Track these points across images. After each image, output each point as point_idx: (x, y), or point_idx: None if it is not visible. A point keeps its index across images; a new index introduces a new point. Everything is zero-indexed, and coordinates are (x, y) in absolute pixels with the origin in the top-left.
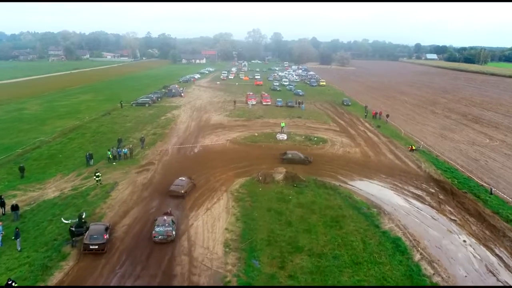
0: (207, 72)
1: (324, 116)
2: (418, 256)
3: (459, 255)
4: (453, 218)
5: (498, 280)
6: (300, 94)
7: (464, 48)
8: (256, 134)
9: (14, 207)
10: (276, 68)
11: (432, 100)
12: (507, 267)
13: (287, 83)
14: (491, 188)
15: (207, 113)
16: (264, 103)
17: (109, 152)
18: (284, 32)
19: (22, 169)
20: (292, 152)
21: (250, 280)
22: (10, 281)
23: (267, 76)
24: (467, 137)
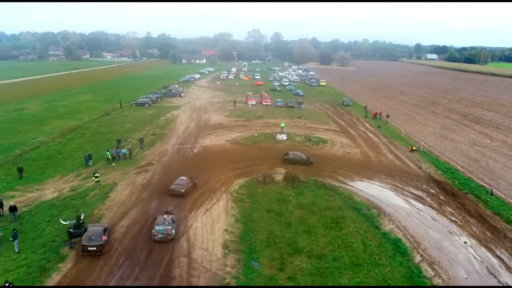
0: (207, 72)
1: (324, 117)
2: (418, 257)
3: (460, 257)
4: (453, 219)
5: (499, 282)
6: (300, 94)
7: (464, 48)
8: (256, 134)
9: (12, 208)
10: (276, 68)
11: (432, 100)
12: (508, 269)
13: (287, 83)
14: (492, 189)
15: (206, 113)
16: (264, 103)
17: (108, 153)
18: (284, 32)
19: (20, 169)
20: (294, 152)
21: (249, 282)
22: (7, 283)
23: (267, 76)
24: (468, 137)
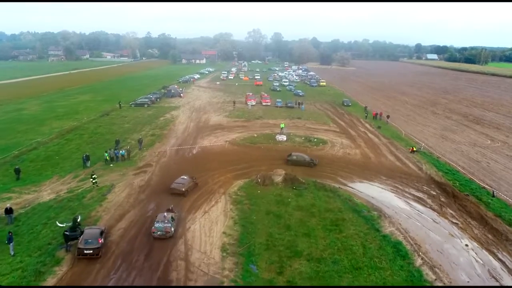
0: (207, 72)
1: (324, 117)
2: (419, 261)
3: (461, 260)
4: (454, 221)
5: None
6: (300, 94)
7: (464, 48)
8: (255, 135)
9: (8, 211)
10: (276, 68)
11: (432, 100)
12: (510, 272)
13: (287, 83)
14: (493, 191)
15: (206, 113)
16: (263, 104)
17: (106, 154)
18: (285, 32)
19: (17, 171)
20: (297, 154)
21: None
22: None
23: (267, 77)
24: (468, 138)
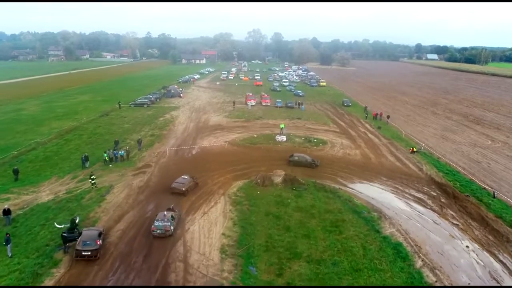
0: (207, 72)
1: (324, 117)
2: (420, 262)
3: (462, 262)
4: (455, 222)
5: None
6: (300, 94)
7: (465, 48)
8: (255, 135)
9: (6, 212)
10: (276, 69)
11: (433, 100)
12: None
13: (287, 83)
14: (494, 192)
15: (206, 114)
16: (263, 104)
17: (105, 154)
18: (285, 32)
19: (16, 171)
20: (299, 154)
21: None
22: None
23: (267, 77)
24: (469, 138)
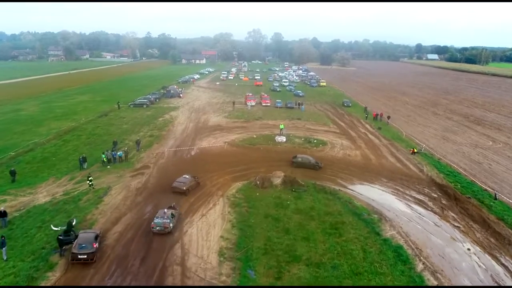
0: (206, 72)
1: (324, 118)
2: (420, 265)
3: (463, 265)
4: (456, 224)
5: None
6: (300, 95)
7: (465, 49)
8: (255, 136)
9: (2, 214)
10: (276, 69)
11: (433, 101)
12: None
13: (287, 83)
14: (495, 193)
15: (205, 114)
16: (263, 104)
17: (103, 155)
18: (285, 32)
19: (13, 172)
20: (302, 156)
21: None
22: None
23: (267, 77)
24: (470, 139)
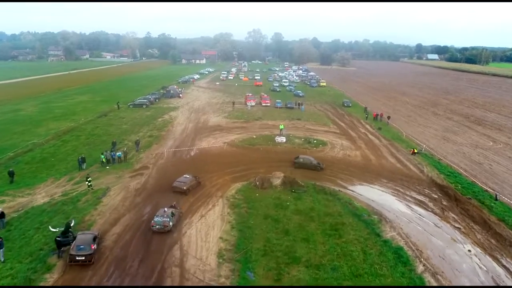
0: (206, 72)
1: (324, 118)
2: (421, 267)
3: (464, 266)
4: (457, 225)
5: None
6: (300, 95)
7: (465, 49)
8: (254, 136)
9: (0, 215)
10: (276, 69)
11: (433, 101)
12: None
13: (287, 83)
14: (496, 194)
15: (205, 114)
16: (263, 104)
17: (102, 156)
18: (285, 32)
19: (11, 173)
20: (304, 156)
21: None
22: None
23: (267, 77)
24: (470, 139)
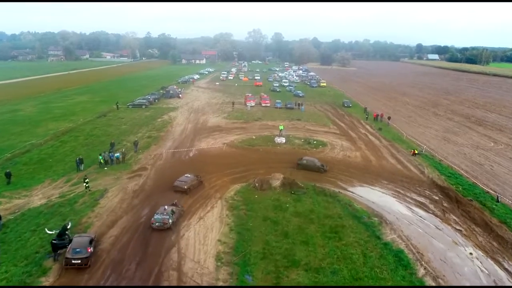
0: (206, 72)
1: (324, 118)
2: (422, 271)
3: (466, 269)
4: (458, 228)
5: None
6: (300, 95)
7: (466, 49)
8: (254, 137)
9: None
10: (277, 69)
11: (434, 101)
12: None
13: (287, 84)
14: (497, 196)
15: (204, 115)
16: (263, 105)
17: (100, 157)
18: (285, 32)
19: (8, 174)
20: (307, 158)
21: None
22: None
23: (267, 77)
24: (471, 140)
